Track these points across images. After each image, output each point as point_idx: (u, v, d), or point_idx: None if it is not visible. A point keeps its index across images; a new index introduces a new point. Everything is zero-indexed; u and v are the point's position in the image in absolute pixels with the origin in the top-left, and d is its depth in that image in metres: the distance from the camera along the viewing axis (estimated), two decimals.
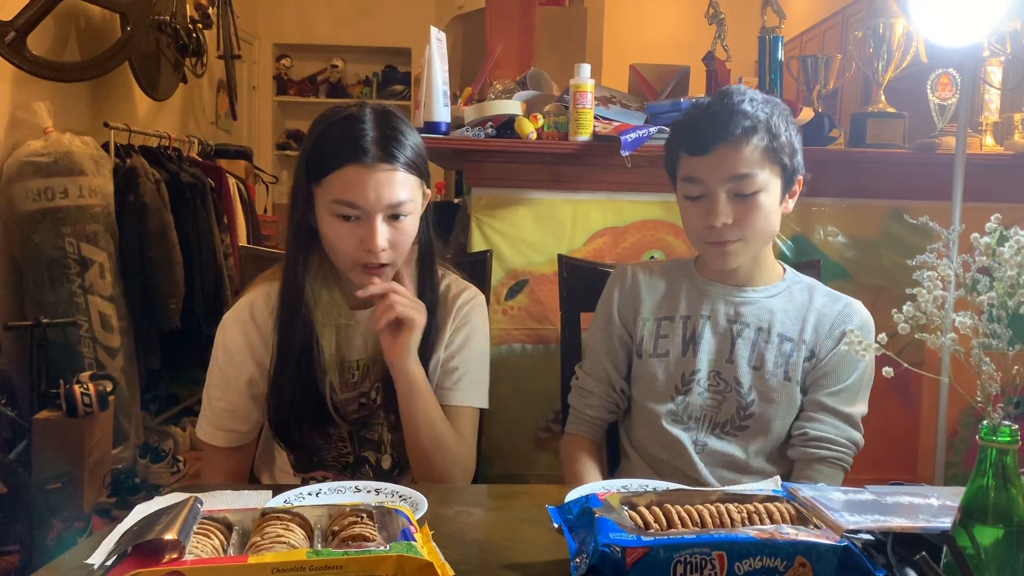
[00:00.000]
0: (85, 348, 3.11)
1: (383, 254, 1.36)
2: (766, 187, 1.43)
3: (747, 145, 1.41)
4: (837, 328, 1.50)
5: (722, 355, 1.52)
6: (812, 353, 1.51)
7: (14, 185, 2.98)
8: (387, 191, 1.34)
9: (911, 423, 2.35)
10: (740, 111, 1.42)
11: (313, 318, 1.41)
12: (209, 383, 1.49)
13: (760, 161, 1.42)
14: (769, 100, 1.46)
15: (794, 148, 1.46)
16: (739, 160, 1.41)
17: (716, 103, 1.46)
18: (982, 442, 0.86)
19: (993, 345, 0.86)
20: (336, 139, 1.35)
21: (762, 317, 1.52)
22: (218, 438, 1.47)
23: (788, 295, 1.54)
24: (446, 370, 1.50)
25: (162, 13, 3.77)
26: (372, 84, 6.98)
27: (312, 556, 0.83)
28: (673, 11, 6.43)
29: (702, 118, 1.45)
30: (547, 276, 2.23)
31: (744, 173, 1.41)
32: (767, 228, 1.47)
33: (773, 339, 1.50)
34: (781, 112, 1.46)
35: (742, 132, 1.41)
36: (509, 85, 2.45)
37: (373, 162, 1.33)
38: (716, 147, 1.42)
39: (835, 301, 1.54)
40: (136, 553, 0.83)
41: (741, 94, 1.44)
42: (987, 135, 2.38)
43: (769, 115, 1.43)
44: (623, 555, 0.89)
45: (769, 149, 1.42)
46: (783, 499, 1.05)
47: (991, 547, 0.86)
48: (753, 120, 1.41)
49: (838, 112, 3.91)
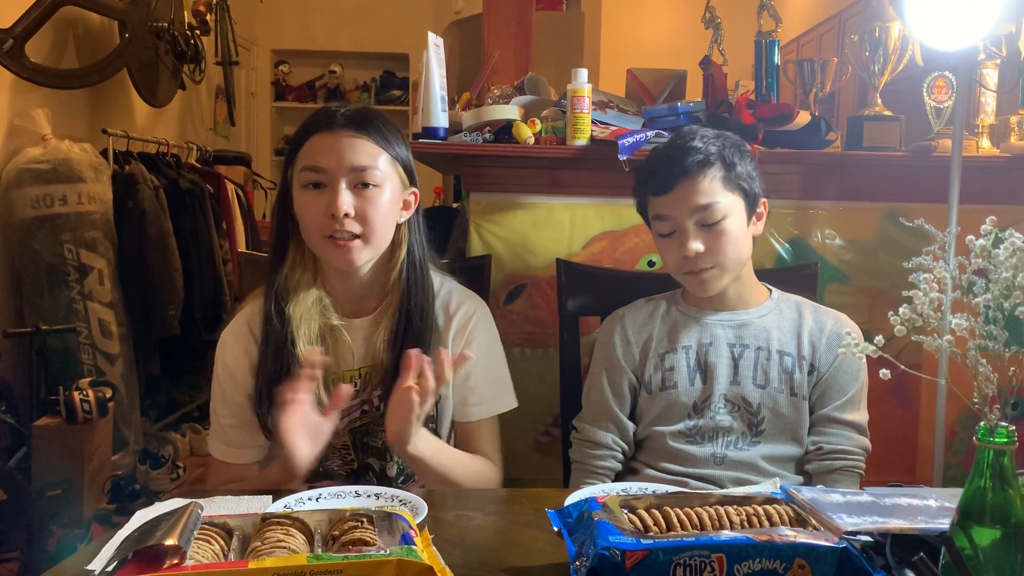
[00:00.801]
0: (84, 355, 3.11)
1: (347, 221, 1.35)
2: (730, 213, 1.52)
3: (704, 177, 1.51)
4: (833, 341, 1.56)
5: (728, 378, 1.57)
6: (813, 367, 1.57)
7: (13, 192, 2.99)
8: (350, 153, 1.35)
9: (909, 425, 2.35)
10: (692, 148, 1.52)
11: (287, 311, 1.40)
12: (215, 401, 1.48)
13: (719, 190, 1.51)
14: (720, 135, 1.57)
15: (751, 175, 1.56)
16: (699, 192, 1.50)
17: (671, 146, 1.58)
18: (979, 443, 0.87)
19: (989, 347, 0.86)
20: (310, 119, 1.42)
21: (759, 336, 1.58)
22: (231, 455, 1.47)
23: (779, 313, 1.61)
24: (466, 388, 1.50)
25: (160, 20, 3.77)
26: (370, 89, 6.99)
27: (313, 561, 0.83)
28: (670, 15, 6.45)
29: (661, 161, 1.56)
30: (546, 280, 2.23)
31: (706, 203, 1.50)
32: (738, 252, 1.55)
33: (773, 356, 1.57)
34: (733, 143, 1.56)
35: (697, 166, 1.51)
36: (507, 90, 2.46)
37: (339, 128, 1.37)
38: (677, 184, 1.51)
39: (825, 315, 1.61)
40: (137, 559, 0.83)
41: (692, 134, 1.56)
42: (983, 137, 2.38)
43: (721, 148, 1.53)
44: (623, 558, 0.89)
45: (726, 178, 1.52)
46: (782, 501, 1.05)
47: (989, 548, 0.86)
48: (705, 154, 1.51)
49: (835, 115, 3.91)
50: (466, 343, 1.50)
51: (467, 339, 1.50)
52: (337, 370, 1.45)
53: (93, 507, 2.80)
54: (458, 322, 1.50)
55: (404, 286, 1.45)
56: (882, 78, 2.40)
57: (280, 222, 1.44)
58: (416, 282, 1.46)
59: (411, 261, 1.46)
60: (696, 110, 2.28)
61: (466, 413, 1.50)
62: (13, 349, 2.94)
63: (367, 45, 6.70)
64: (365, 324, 1.46)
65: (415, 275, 1.46)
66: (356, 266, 1.39)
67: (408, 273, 1.46)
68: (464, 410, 1.50)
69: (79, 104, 3.59)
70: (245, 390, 1.44)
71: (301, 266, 1.43)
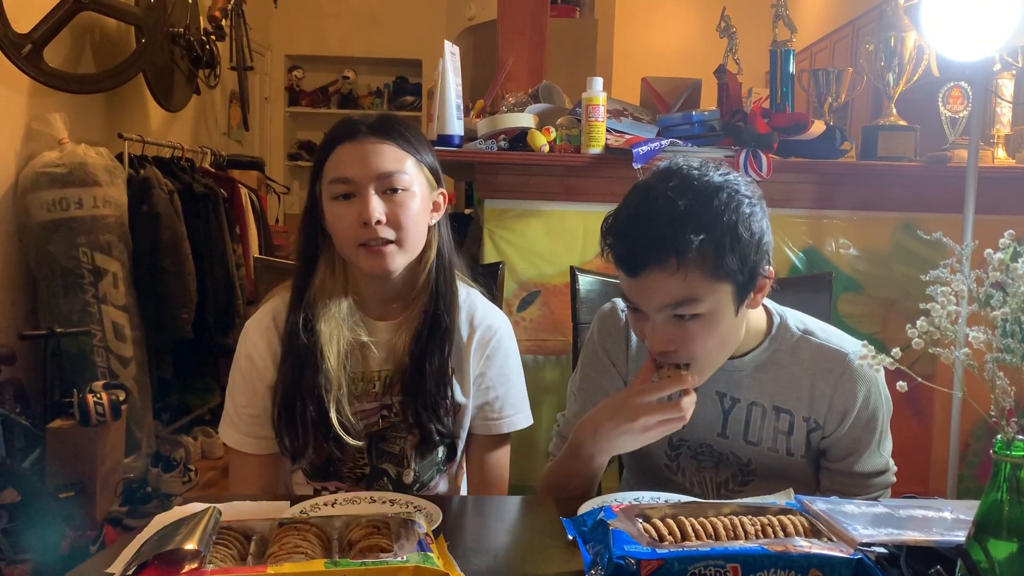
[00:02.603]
0: (98, 357, 3.13)
1: (380, 228, 1.35)
2: (712, 308, 1.19)
3: (680, 271, 1.15)
4: (839, 404, 1.33)
5: (713, 429, 1.37)
6: (817, 424, 1.35)
7: (29, 195, 3.01)
8: (376, 160, 1.36)
9: (923, 436, 2.35)
10: (670, 232, 1.15)
11: (318, 328, 1.41)
12: (233, 390, 1.48)
13: (700, 284, 1.17)
14: (717, 198, 1.17)
15: (746, 257, 1.18)
16: (672, 286, 1.17)
17: (648, 210, 1.18)
18: (996, 456, 0.87)
19: (1007, 360, 0.86)
20: (333, 130, 1.41)
21: (753, 388, 1.35)
22: (247, 444, 1.46)
23: (775, 363, 1.34)
24: (488, 402, 1.51)
25: (176, 25, 3.80)
26: (383, 95, 7.01)
27: (330, 567, 0.84)
28: (683, 23, 6.45)
29: (630, 231, 1.19)
30: (559, 288, 2.24)
31: (679, 300, 1.17)
32: (721, 347, 1.27)
33: (769, 413, 1.35)
34: (730, 218, 1.16)
35: (674, 257, 1.15)
36: (521, 98, 2.47)
37: (363, 137, 1.37)
38: (645, 271, 1.17)
39: (829, 362, 1.33)
40: (157, 562, 0.84)
41: (673, 202, 1.16)
42: (999, 148, 2.38)
43: (711, 232, 1.15)
44: (638, 567, 0.89)
45: (713, 272, 1.17)
46: (797, 512, 1.05)
47: (1006, 562, 0.86)
48: (688, 242, 1.14)
49: (849, 125, 3.91)
50: (487, 358, 1.50)
51: (488, 354, 1.50)
52: (362, 371, 1.45)
53: (105, 509, 2.82)
54: (480, 336, 1.50)
55: (433, 288, 1.46)
56: (897, 88, 2.40)
57: (309, 236, 1.44)
58: (445, 283, 1.47)
59: (440, 263, 1.47)
60: (711, 119, 2.28)
61: (485, 428, 1.51)
62: (28, 351, 2.96)
63: (380, 51, 6.73)
64: (390, 327, 1.46)
65: (444, 277, 1.47)
66: (391, 271, 1.40)
67: (437, 275, 1.46)
68: (483, 424, 1.51)
69: (95, 108, 3.62)
70: (266, 380, 1.45)
71: (331, 279, 1.44)
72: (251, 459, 1.47)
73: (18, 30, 2.97)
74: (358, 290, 1.46)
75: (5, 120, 3.05)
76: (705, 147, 2.25)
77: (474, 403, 1.50)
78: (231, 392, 1.48)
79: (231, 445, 1.48)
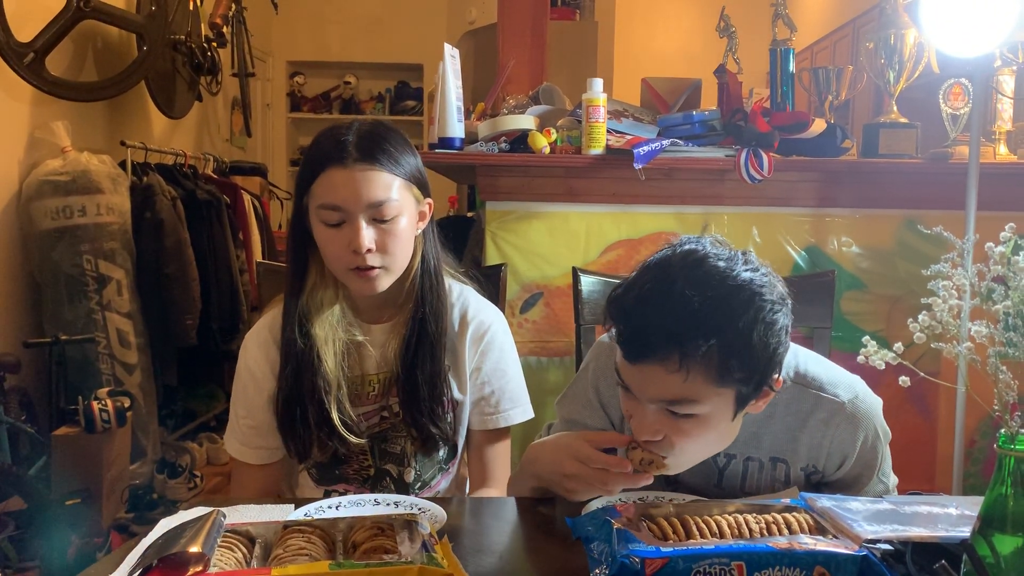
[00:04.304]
0: (103, 364, 3.13)
1: (370, 256, 1.36)
2: (711, 411, 1.11)
3: (681, 372, 1.06)
4: (837, 452, 1.27)
5: (708, 482, 1.31)
6: (816, 469, 1.29)
7: (33, 204, 3.02)
8: (366, 189, 1.35)
9: (928, 434, 2.35)
10: (677, 330, 1.05)
11: (312, 332, 1.42)
12: (235, 402, 1.51)
13: (701, 387, 1.08)
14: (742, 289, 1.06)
15: (753, 368, 1.08)
16: (671, 385, 1.08)
17: (657, 296, 1.08)
18: (1000, 451, 0.86)
19: (1010, 354, 0.86)
20: (320, 147, 1.40)
21: (748, 445, 1.28)
22: (248, 455, 1.49)
23: (770, 417, 1.26)
24: (484, 397, 1.51)
25: (177, 33, 3.81)
26: (385, 100, 7.02)
27: (335, 568, 0.84)
28: (683, 24, 6.46)
29: (638, 313, 1.09)
30: (561, 289, 2.24)
31: (677, 399, 1.09)
32: (712, 444, 1.19)
33: (766, 466, 1.29)
34: (751, 313, 1.06)
35: (677, 356, 1.06)
36: (522, 100, 2.47)
37: (352, 163, 1.36)
38: (647, 362, 1.09)
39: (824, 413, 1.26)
40: (161, 565, 0.84)
41: (697, 290, 1.05)
42: (1000, 144, 2.38)
43: (728, 323, 1.05)
44: (642, 566, 0.89)
45: (717, 375, 1.07)
46: (801, 509, 1.05)
47: (1011, 556, 0.86)
48: (701, 339, 1.05)
49: (850, 123, 3.91)
50: (482, 353, 1.51)
51: (483, 349, 1.51)
52: (360, 374, 1.47)
53: (112, 516, 2.82)
54: (474, 331, 1.51)
55: (418, 294, 1.47)
56: (898, 85, 2.40)
57: (298, 247, 1.44)
58: (430, 289, 1.48)
59: (425, 269, 1.48)
60: (711, 119, 2.29)
61: (482, 423, 1.52)
62: (33, 359, 2.97)
63: (381, 56, 6.74)
64: (383, 330, 1.48)
65: (429, 282, 1.48)
66: (378, 292, 1.42)
67: (423, 281, 1.48)
68: (480, 419, 1.52)
69: (98, 116, 3.63)
70: (265, 393, 1.46)
71: (322, 286, 1.45)
72: (252, 468, 1.50)
73: (20, 39, 2.98)
74: (350, 296, 1.48)
75: (8, 128, 3.06)
76: (706, 147, 2.26)
77: (471, 399, 1.51)
78: (233, 403, 1.51)
79: (232, 455, 1.51)
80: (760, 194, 2.28)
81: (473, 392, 1.51)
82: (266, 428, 1.47)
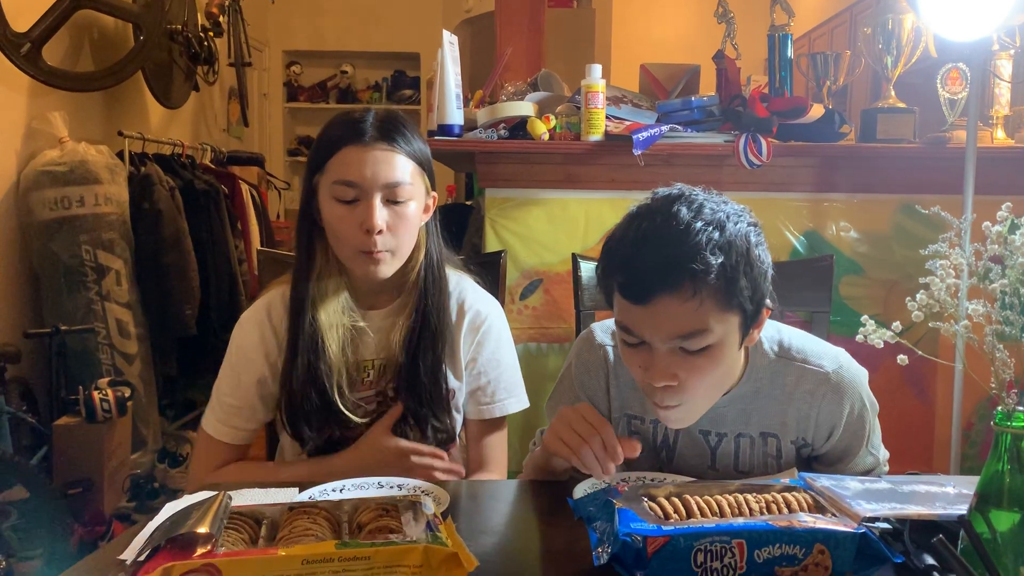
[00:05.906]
0: (103, 355, 3.14)
1: (381, 238, 1.37)
2: (721, 339, 1.14)
3: (694, 299, 1.10)
4: (825, 423, 1.30)
5: (702, 464, 1.33)
6: (805, 442, 1.32)
7: (31, 194, 3.02)
8: (384, 169, 1.36)
9: (926, 416, 2.36)
10: (684, 255, 1.09)
11: (318, 318, 1.43)
12: (221, 379, 1.52)
13: (712, 313, 1.11)
14: (727, 223, 1.12)
15: (757, 284, 1.14)
16: (685, 315, 1.11)
17: (656, 235, 1.12)
18: (997, 428, 0.88)
19: (1006, 332, 0.87)
20: (337, 128, 1.41)
21: (738, 421, 1.31)
22: (223, 433, 1.49)
23: (756, 393, 1.30)
24: (480, 387, 1.53)
25: (174, 22, 3.81)
26: (381, 89, 7.02)
27: (341, 548, 0.85)
28: (682, 10, 6.44)
29: (639, 254, 1.12)
30: (561, 275, 2.24)
31: (691, 331, 1.12)
32: (720, 381, 1.23)
33: (757, 442, 1.32)
34: (741, 244, 1.12)
35: (688, 283, 1.09)
36: (520, 87, 2.47)
37: (371, 142, 1.37)
38: (655, 298, 1.10)
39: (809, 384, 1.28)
40: (169, 546, 0.85)
41: (687, 224, 1.10)
42: (998, 128, 2.39)
43: (725, 257, 1.10)
44: (644, 544, 0.90)
45: (723, 299, 1.11)
46: (800, 489, 1.06)
47: (1008, 532, 0.87)
48: (701, 267, 1.08)
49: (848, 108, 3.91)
50: (478, 343, 1.53)
51: (479, 339, 1.53)
52: (355, 360, 1.47)
53: (113, 505, 2.83)
54: (470, 321, 1.52)
55: (422, 286, 1.48)
56: (895, 70, 2.40)
57: (306, 231, 1.45)
58: (434, 282, 1.49)
59: (429, 262, 1.49)
60: (710, 104, 2.29)
61: (478, 412, 1.53)
62: (33, 349, 2.97)
63: (378, 45, 6.73)
64: (380, 316, 1.49)
65: (432, 276, 1.49)
66: (384, 278, 1.43)
67: (426, 274, 1.48)
68: (476, 408, 1.53)
69: (95, 106, 3.62)
70: (255, 374, 1.47)
71: (327, 272, 1.46)
72: (220, 447, 1.50)
73: (16, 29, 2.97)
74: (352, 282, 1.48)
75: (5, 119, 3.06)
76: (705, 132, 2.26)
77: (467, 388, 1.53)
78: (218, 381, 1.52)
79: (208, 431, 1.50)
80: (759, 179, 2.28)
81: (469, 382, 1.53)
82: (247, 410, 1.48)
